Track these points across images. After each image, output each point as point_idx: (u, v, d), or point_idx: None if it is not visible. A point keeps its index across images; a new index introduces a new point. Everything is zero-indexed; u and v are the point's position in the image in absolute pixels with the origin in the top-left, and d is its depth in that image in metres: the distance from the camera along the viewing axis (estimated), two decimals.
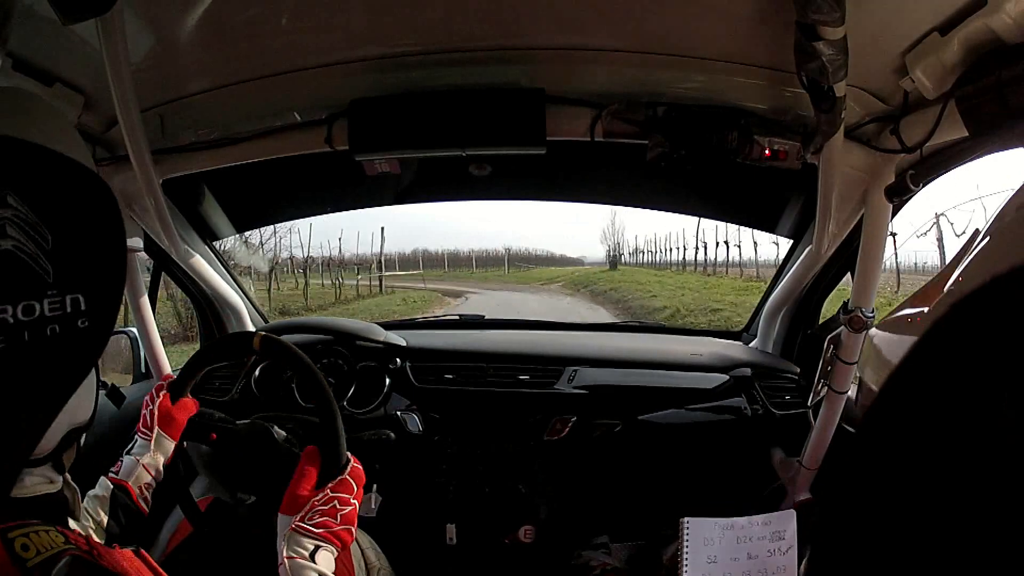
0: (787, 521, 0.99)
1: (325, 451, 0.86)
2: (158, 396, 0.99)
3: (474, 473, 1.57)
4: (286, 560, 0.79)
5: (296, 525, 0.81)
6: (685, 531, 0.98)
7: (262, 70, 1.13)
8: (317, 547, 0.80)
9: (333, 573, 0.80)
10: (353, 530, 0.85)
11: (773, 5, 0.87)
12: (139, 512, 0.90)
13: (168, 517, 1.45)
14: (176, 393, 1.00)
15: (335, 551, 0.82)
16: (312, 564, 0.79)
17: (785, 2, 0.81)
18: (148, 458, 0.94)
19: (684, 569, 0.94)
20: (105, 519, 0.86)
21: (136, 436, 0.97)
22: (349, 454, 0.88)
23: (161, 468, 0.95)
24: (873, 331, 1.11)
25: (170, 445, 0.97)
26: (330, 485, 0.84)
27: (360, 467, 0.88)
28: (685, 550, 0.96)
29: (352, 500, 0.85)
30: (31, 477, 0.54)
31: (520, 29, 1.03)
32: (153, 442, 0.95)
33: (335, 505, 0.83)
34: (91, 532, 0.80)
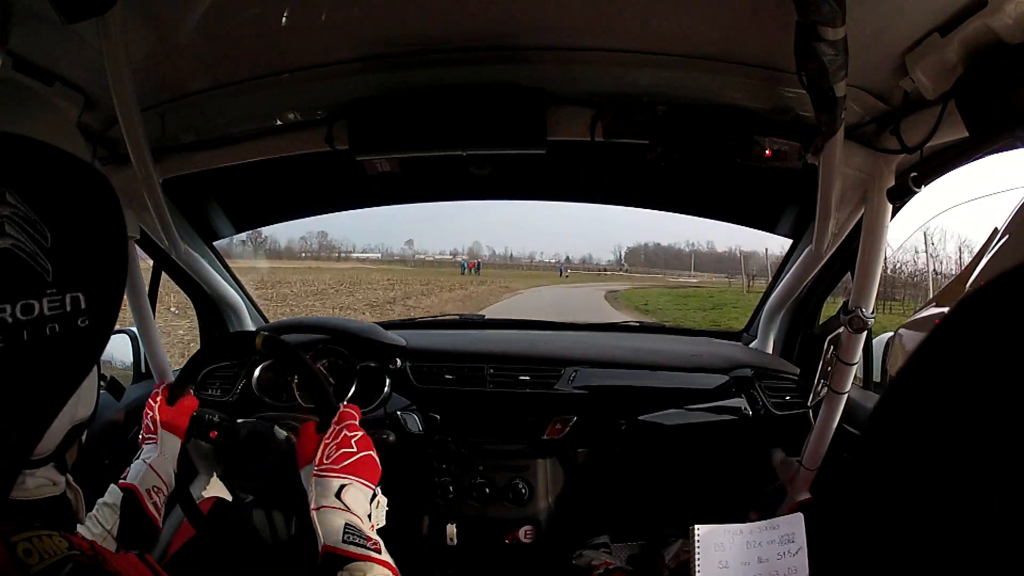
0: (795, 524, 0.99)
1: (316, 403, 0.88)
2: (155, 401, 1.00)
3: (474, 473, 1.56)
4: (314, 511, 0.77)
5: (317, 470, 0.79)
6: (696, 539, 0.98)
7: (262, 70, 1.13)
8: (343, 486, 0.78)
9: (363, 510, 0.78)
10: (374, 457, 0.82)
11: (773, 5, 0.87)
12: (149, 520, 0.90)
13: (169, 517, 1.45)
14: (175, 394, 1.01)
15: (364, 486, 0.80)
16: (340, 506, 0.76)
17: (785, 2, 0.81)
18: (155, 460, 0.94)
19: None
20: (115, 526, 0.86)
21: (142, 445, 0.97)
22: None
23: (171, 472, 0.95)
24: (901, 331, 1.11)
25: (176, 444, 0.97)
26: (333, 420, 0.84)
27: (354, 405, 0.89)
28: (697, 557, 0.97)
29: (359, 425, 0.84)
30: (33, 479, 0.54)
31: (520, 29, 1.03)
32: (159, 444, 0.95)
33: (345, 435, 0.82)
34: (102, 542, 0.80)
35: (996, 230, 0.82)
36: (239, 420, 1.10)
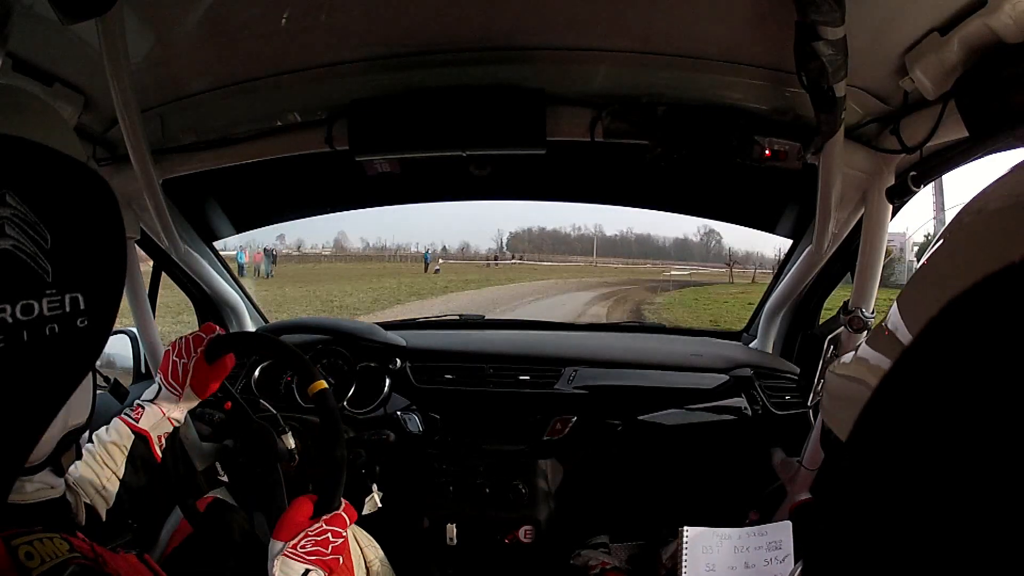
0: (783, 531, 0.99)
1: (323, 491, 0.87)
2: (195, 350, 0.94)
3: (474, 473, 1.56)
4: None
5: (288, 551, 0.82)
6: (684, 540, 0.99)
7: (262, 70, 1.13)
8: (308, 570, 0.81)
9: None
10: (342, 560, 0.86)
11: (773, 5, 0.87)
12: (154, 461, 0.90)
13: (168, 517, 1.45)
14: (217, 351, 0.95)
15: (325, 571, 0.83)
16: None
17: (785, 2, 0.81)
18: (171, 411, 0.93)
19: None
20: (122, 468, 0.85)
21: (159, 383, 0.94)
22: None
23: (180, 420, 0.95)
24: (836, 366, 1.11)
25: (195, 402, 0.96)
26: (325, 518, 0.85)
27: (352, 509, 0.90)
28: (684, 558, 0.97)
29: (344, 534, 0.86)
30: (32, 484, 0.54)
31: (520, 29, 1.03)
32: (182, 398, 0.93)
33: (328, 537, 0.84)
34: (105, 482, 0.81)
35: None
36: (258, 409, 1.10)
